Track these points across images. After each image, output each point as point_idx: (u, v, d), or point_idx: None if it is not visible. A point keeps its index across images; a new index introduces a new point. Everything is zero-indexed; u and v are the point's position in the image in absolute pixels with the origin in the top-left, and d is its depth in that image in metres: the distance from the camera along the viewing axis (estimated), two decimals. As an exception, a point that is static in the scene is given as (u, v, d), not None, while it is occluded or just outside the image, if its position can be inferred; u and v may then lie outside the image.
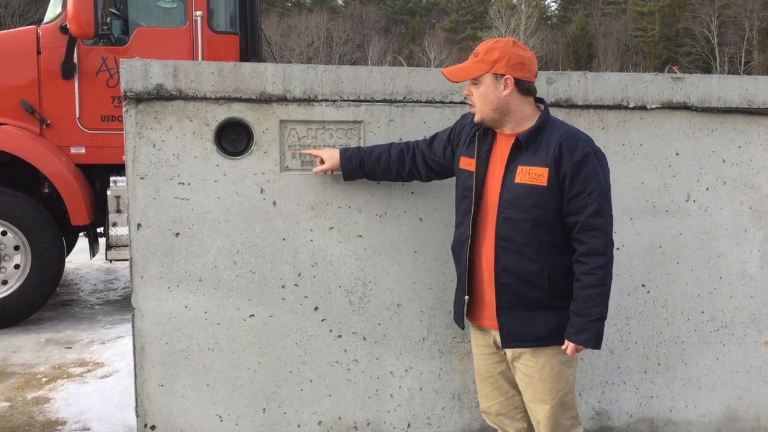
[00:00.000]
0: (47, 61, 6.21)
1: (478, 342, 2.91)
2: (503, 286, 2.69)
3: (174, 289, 3.11)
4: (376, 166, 3.02)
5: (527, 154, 2.64)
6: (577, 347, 2.63)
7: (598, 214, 2.58)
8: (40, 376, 4.90)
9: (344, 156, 3.04)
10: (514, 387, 2.87)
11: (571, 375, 2.77)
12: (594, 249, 2.58)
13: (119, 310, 6.60)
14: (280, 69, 3.13)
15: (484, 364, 2.90)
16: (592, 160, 2.60)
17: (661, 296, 3.51)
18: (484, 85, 2.65)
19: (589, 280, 2.59)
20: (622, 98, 3.39)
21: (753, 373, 3.65)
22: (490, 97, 2.64)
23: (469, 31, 62.99)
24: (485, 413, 2.98)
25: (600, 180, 2.61)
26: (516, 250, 2.65)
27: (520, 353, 2.74)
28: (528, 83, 2.66)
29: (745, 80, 3.54)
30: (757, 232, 3.59)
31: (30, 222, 5.96)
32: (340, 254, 3.23)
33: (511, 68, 2.61)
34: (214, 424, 3.19)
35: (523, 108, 2.67)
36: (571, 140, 2.61)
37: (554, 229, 2.63)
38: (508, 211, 2.65)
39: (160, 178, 3.07)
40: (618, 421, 3.53)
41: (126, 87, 3.01)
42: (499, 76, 2.62)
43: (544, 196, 2.60)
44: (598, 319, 2.61)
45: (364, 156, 3.02)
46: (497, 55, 2.62)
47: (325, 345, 3.25)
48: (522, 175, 2.63)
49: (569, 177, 2.58)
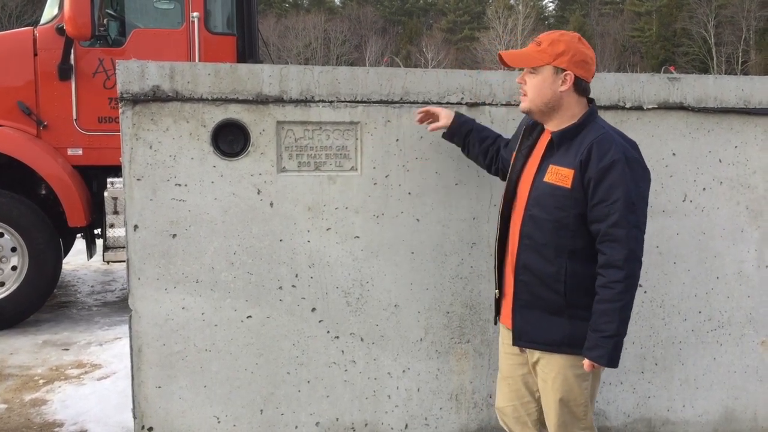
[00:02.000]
0: (44, 63, 6.20)
1: (504, 340, 2.85)
2: (522, 284, 2.65)
3: (171, 290, 3.11)
4: (475, 144, 3.03)
5: (559, 153, 2.58)
6: (592, 363, 2.52)
7: (619, 225, 2.45)
8: (38, 378, 4.90)
9: (459, 118, 3.05)
10: (531, 393, 2.81)
11: (587, 389, 2.67)
12: (612, 261, 2.46)
13: (117, 312, 6.59)
14: (276, 70, 3.13)
15: (507, 364, 2.86)
16: (621, 167, 2.46)
17: (658, 296, 3.52)
18: (541, 76, 2.57)
19: (605, 294, 2.47)
20: (618, 98, 3.39)
21: (750, 372, 3.65)
22: (546, 90, 2.57)
23: (467, 31, 63.03)
24: (500, 412, 2.92)
25: (627, 189, 2.46)
26: (536, 250, 2.60)
27: (538, 358, 2.69)
28: (585, 83, 2.60)
29: (741, 80, 3.54)
30: (754, 231, 3.59)
31: (27, 224, 5.95)
32: (338, 255, 3.23)
33: (574, 65, 2.54)
34: (212, 425, 3.19)
35: (573, 106, 2.60)
36: (603, 144, 2.50)
37: (577, 234, 2.54)
38: (533, 209, 2.60)
39: (156, 179, 3.07)
40: (615, 421, 3.54)
41: (122, 88, 3.01)
42: (559, 70, 2.55)
43: (566, 199, 2.53)
44: (613, 336, 2.47)
45: (473, 130, 3.04)
46: (562, 48, 2.54)
47: (322, 346, 3.25)
48: (550, 174, 2.57)
49: (593, 182, 2.48)
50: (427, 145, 3.25)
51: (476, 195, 3.32)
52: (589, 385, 2.69)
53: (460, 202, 3.30)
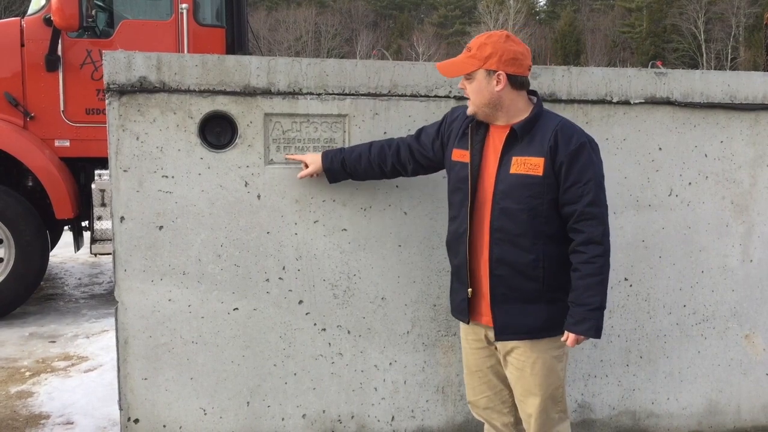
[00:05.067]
0: (31, 54, 6.16)
1: (468, 336, 2.89)
2: (497, 278, 2.68)
3: (158, 282, 3.10)
4: (357, 166, 3.01)
5: (522, 145, 2.64)
6: (577, 338, 2.62)
7: (595, 204, 2.60)
8: (24, 371, 4.88)
9: (326, 159, 3.04)
10: (502, 381, 2.87)
11: (562, 369, 2.77)
12: (592, 238, 2.59)
13: (104, 305, 6.57)
14: (264, 62, 3.12)
15: (474, 358, 2.89)
16: (587, 150, 2.62)
17: (644, 290, 3.54)
18: (476, 81, 2.64)
19: (589, 269, 2.59)
20: (605, 93, 3.41)
21: (734, 366, 3.69)
22: (483, 92, 2.64)
23: (458, 26, 62.99)
24: (472, 405, 2.97)
25: (596, 170, 2.63)
26: (510, 241, 2.64)
27: (513, 347, 2.73)
28: (521, 77, 2.65)
29: (727, 76, 3.56)
30: (739, 226, 3.62)
31: (14, 215, 5.92)
32: (325, 248, 3.23)
33: (504, 64, 2.61)
34: (198, 417, 3.19)
35: (516, 102, 2.67)
36: (566, 130, 2.63)
37: (550, 219, 2.64)
38: (504, 202, 2.64)
39: (143, 170, 3.06)
40: (600, 413, 3.56)
41: (109, 79, 3.00)
42: (491, 72, 2.62)
43: (539, 186, 2.60)
44: (598, 308, 2.61)
45: (345, 156, 3.02)
46: (489, 51, 2.61)
47: (309, 338, 3.26)
48: (517, 165, 2.62)
49: (565, 166, 2.59)
50: (414, 138, 3.24)
51: (463, 188, 3.32)
52: (564, 366, 2.79)
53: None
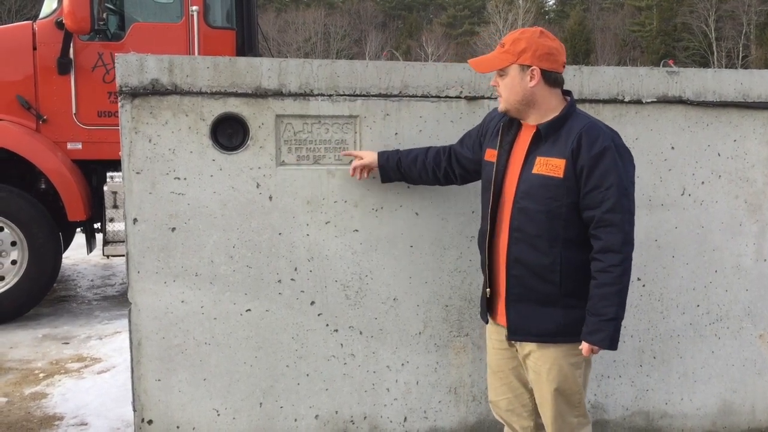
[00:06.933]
0: (43, 57, 6.20)
1: (492, 336, 2.87)
2: (514, 278, 2.66)
3: (170, 283, 3.11)
4: (412, 167, 3.01)
5: (547, 145, 2.61)
6: (592, 347, 2.58)
7: (614, 210, 2.52)
8: (38, 372, 4.91)
9: (382, 156, 3.05)
10: (524, 385, 2.83)
11: (581, 376, 2.71)
12: (610, 246, 2.52)
13: (116, 306, 6.60)
14: (275, 63, 3.13)
15: (496, 358, 2.87)
16: (612, 154, 2.54)
17: (657, 290, 3.52)
18: (510, 76, 2.62)
19: (604, 278, 2.53)
20: (617, 92, 3.39)
21: (748, 366, 3.66)
22: (516, 88, 2.61)
23: (467, 26, 62.94)
24: (493, 405, 2.94)
25: (619, 175, 2.53)
26: (528, 242, 2.62)
27: (530, 350, 2.70)
28: (555, 74, 2.63)
29: (740, 74, 3.54)
30: (752, 225, 3.60)
31: (27, 218, 5.96)
32: (337, 249, 3.23)
33: (538, 59, 2.58)
34: (211, 418, 3.20)
35: (548, 99, 2.63)
36: (592, 132, 2.56)
37: (570, 223, 2.59)
38: (523, 202, 2.62)
39: (156, 172, 3.07)
40: (614, 414, 3.55)
41: (121, 82, 3.01)
42: (525, 68, 2.59)
43: (559, 188, 2.56)
44: (613, 318, 2.54)
45: (401, 157, 3.03)
46: (523, 45, 2.58)
47: (321, 339, 3.26)
48: (539, 165, 2.59)
49: (586, 170, 2.53)
50: (426, 139, 3.24)
51: (474, 188, 3.30)
52: (582, 372, 2.73)
53: (459, 196, 3.30)
